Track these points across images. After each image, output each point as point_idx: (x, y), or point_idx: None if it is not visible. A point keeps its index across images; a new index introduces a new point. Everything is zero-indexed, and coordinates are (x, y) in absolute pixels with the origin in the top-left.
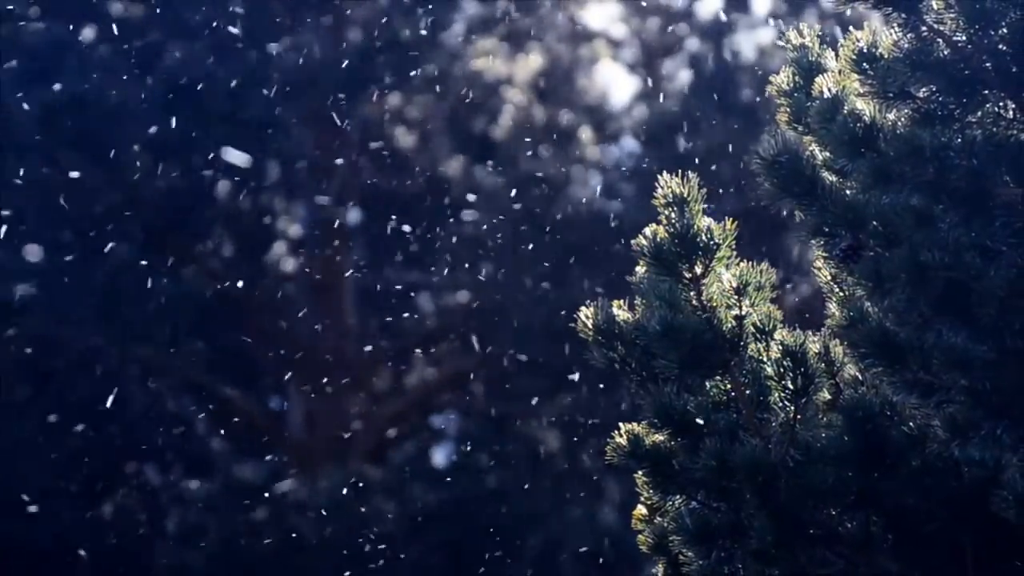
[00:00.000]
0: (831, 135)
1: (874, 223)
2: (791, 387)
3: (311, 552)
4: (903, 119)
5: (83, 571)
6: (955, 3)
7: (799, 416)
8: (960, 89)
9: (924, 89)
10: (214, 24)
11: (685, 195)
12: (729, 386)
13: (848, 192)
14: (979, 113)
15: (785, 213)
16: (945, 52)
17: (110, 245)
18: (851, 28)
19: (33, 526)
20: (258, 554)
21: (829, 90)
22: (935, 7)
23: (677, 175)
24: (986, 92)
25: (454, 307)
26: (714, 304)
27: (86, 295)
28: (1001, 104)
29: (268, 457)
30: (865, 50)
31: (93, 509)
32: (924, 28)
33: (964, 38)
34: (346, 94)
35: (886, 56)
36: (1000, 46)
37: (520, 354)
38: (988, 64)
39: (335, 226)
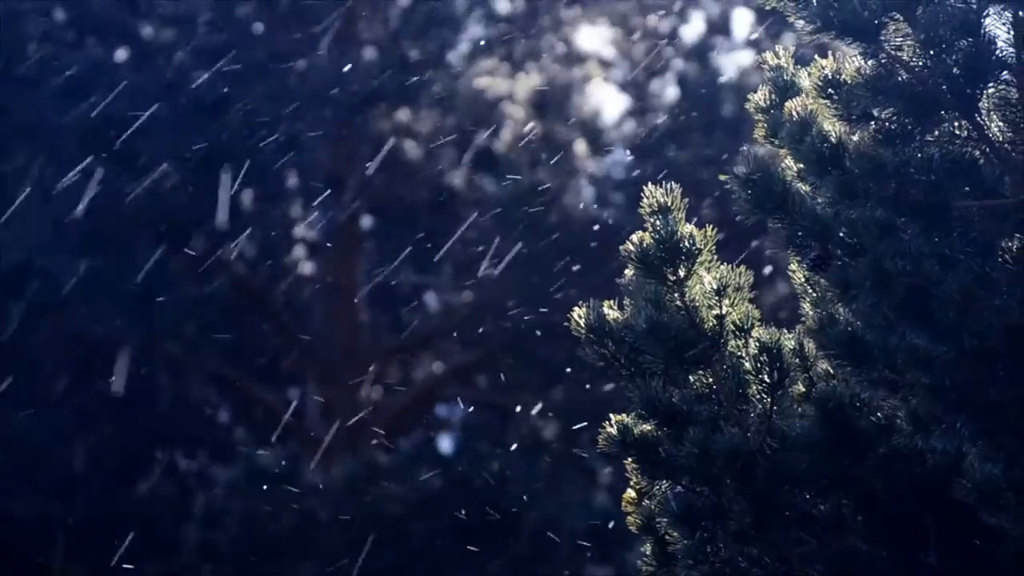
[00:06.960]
0: (801, 155)
1: (841, 234)
2: (768, 380)
3: (325, 533)
4: (866, 139)
5: (115, 549)
6: (912, 31)
7: (775, 407)
8: (918, 110)
9: (885, 111)
10: (237, 44)
11: (669, 204)
12: (710, 380)
13: (817, 206)
14: (936, 132)
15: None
16: (904, 76)
17: (141, 248)
18: (826, 50)
19: (70, 507)
20: (276, 535)
21: (798, 113)
22: (894, 36)
23: (662, 185)
24: (942, 112)
25: (457, 306)
26: (696, 304)
27: (119, 293)
28: (956, 123)
29: (286, 444)
30: (830, 76)
31: (125, 492)
32: (883, 55)
33: (921, 63)
34: (358, 109)
35: (849, 81)
36: (954, 70)
37: (519, 351)
38: (944, 87)
39: (348, 231)
